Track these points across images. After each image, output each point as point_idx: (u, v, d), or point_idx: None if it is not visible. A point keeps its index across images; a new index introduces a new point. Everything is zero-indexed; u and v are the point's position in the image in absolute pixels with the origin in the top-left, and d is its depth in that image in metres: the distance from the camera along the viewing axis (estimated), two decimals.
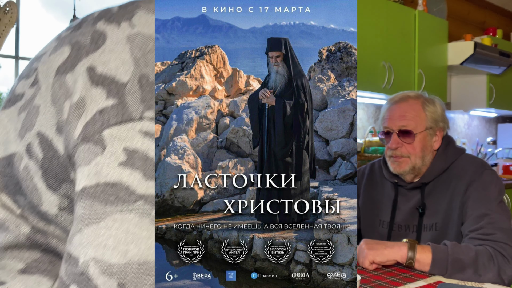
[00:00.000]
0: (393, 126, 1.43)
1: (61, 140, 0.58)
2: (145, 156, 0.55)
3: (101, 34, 0.61)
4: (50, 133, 0.59)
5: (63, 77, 0.60)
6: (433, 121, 1.43)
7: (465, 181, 1.38)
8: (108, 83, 0.57)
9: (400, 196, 1.50)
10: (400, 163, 1.42)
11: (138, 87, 0.57)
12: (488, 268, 1.17)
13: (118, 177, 0.53)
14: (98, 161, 0.54)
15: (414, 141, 1.40)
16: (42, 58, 0.67)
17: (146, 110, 0.56)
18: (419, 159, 1.42)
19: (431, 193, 1.45)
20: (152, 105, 0.57)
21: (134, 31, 0.61)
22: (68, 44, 0.63)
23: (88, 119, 0.56)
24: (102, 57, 0.59)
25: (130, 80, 0.57)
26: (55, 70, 0.62)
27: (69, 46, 0.63)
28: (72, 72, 0.60)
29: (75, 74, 0.59)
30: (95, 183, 0.54)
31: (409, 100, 1.45)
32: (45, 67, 0.64)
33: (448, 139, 1.50)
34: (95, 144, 0.54)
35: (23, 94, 0.65)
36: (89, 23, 0.65)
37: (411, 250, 1.21)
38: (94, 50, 0.60)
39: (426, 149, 1.43)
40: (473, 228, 1.28)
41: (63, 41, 0.65)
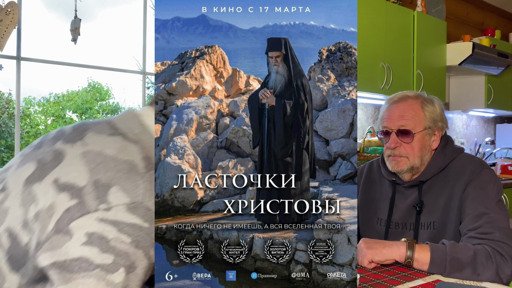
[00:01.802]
0: (392, 126, 1.43)
1: (25, 233, 0.76)
2: (101, 236, 0.73)
3: (60, 153, 0.81)
4: (16, 228, 0.77)
5: (30, 187, 0.78)
6: (432, 121, 1.44)
7: (463, 180, 1.38)
8: (70, 188, 0.76)
9: (397, 194, 1.51)
10: (399, 162, 1.43)
11: (93, 189, 0.76)
12: (487, 267, 1.18)
13: (80, 253, 0.72)
14: (67, 245, 0.73)
15: (412, 141, 1.41)
16: (10, 170, 0.85)
17: (100, 204, 0.75)
18: (418, 159, 1.42)
19: (428, 191, 1.45)
20: (105, 199, 0.75)
21: (87, 149, 0.81)
22: (33, 160, 0.82)
23: (58, 217, 0.74)
24: (63, 170, 0.78)
25: (87, 184, 0.76)
26: (24, 180, 0.80)
27: (34, 162, 0.82)
28: (40, 182, 0.78)
29: (43, 184, 0.77)
30: (63, 259, 0.73)
31: (408, 100, 1.45)
32: (13, 178, 0.82)
33: (446, 138, 1.50)
34: (64, 234, 0.74)
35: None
36: (48, 143, 0.85)
37: (409, 249, 1.22)
38: (55, 166, 0.79)
39: (424, 149, 1.43)
40: (472, 227, 1.29)
41: (28, 158, 0.84)
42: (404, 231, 1.46)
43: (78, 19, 2.53)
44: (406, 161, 1.42)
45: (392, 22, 3.27)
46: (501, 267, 1.18)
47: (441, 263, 1.19)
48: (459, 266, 1.18)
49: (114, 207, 0.75)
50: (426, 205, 1.44)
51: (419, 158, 1.42)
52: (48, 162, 0.80)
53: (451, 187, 1.41)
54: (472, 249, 1.21)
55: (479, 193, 1.34)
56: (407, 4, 3.92)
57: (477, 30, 4.88)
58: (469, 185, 1.37)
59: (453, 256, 1.19)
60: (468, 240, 1.26)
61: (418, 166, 1.43)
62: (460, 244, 1.24)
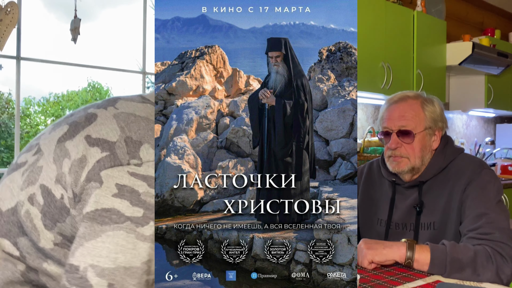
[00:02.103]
0: (393, 126, 1.43)
1: (59, 188, 0.77)
2: (132, 189, 0.74)
3: (93, 114, 0.83)
4: (50, 184, 0.78)
5: (63, 144, 0.80)
6: (432, 121, 1.43)
7: (463, 181, 1.38)
8: (102, 143, 0.78)
9: (397, 194, 1.50)
10: (399, 163, 1.43)
11: (124, 144, 0.77)
12: (487, 268, 1.18)
13: (111, 204, 0.73)
14: (97, 193, 0.74)
15: (413, 141, 1.41)
16: (42, 136, 0.87)
17: (132, 159, 0.76)
18: (419, 159, 1.42)
19: (428, 192, 1.45)
20: (137, 155, 0.77)
21: (118, 111, 0.83)
22: (65, 124, 0.85)
23: (90, 168, 0.76)
24: (95, 128, 0.80)
25: (118, 140, 0.78)
26: (56, 140, 0.82)
27: (66, 125, 0.84)
28: (71, 140, 0.80)
29: (75, 141, 0.79)
30: (94, 209, 0.73)
31: (408, 100, 1.45)
32: (46, 141, 0.84)
33: (446, 138, 1.50)
34: (95, 181, 0.74)
35: (26, 162, 0.84)
36: (80, 111, 0.87)
37: (409, 249, 1.22)
38: (88, 125, 0.81)
39: (425, 149, 1.43)
40: (472, 228, 1.29)
41: (61, 123, 0.86)
42: (404, 231, 1.46)
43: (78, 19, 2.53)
44: (407, 161, 1.42)
45: (392, 22, 3.27)
46: (501, 267, 1.18)
47: (441, 264, 1.19)
48: (459, 267, 1.18)
49: (145, 163, 0.76)
50: (426, 206, 1.44)
51: (420, 159, 1.42)
52: (80, 123, 0.82)
53: (451, 187, 1.41)
54: (472, 250, 1.20)
55: (479, 193, 1.34)
56: (407, 4, 3.92)
57: (477, 30, 4.88)
58: (469, 185, 1.37)
59: (453, 256, 1.18)
60: (468, 241, 1.26)
61: (418, 167, 1.43)
62: (460, 244, 1.24)
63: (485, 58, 3.81)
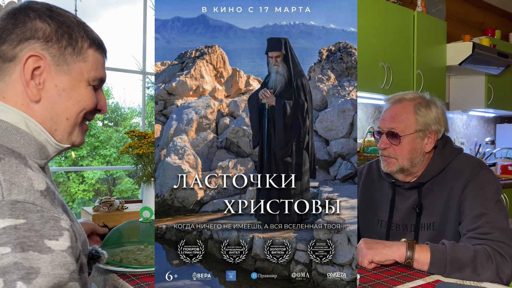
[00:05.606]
0: (384, 127, 1.46)
1: None
2: None
3: None
4: None
5: None
6: (423, 124, 1.44)
7: (462, 181, 1.39)
8: None
9: (397, 196, 1.51)
10: (389, 164, 1.46)
11: None
12: (486, 267, 1.18)
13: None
14: None
15: (400, 143, 1.43)
16: None
17: None
18: (407, 161, 1.44)
19: (428, 193, 1.45)
20: None
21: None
22: None
23: None
24: None
25: None
26: None
27: None
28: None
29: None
30: None
31: (403, 102, 1.46)
32: None
33: (445, 139, 1.51)
34: None
35: None
36: None
37: (409, 249, 1.22)
38: None
39: (415, 152, 1.44)
40: (471, 228, 1.29)
41: None
42: (404, 232, 1.47)
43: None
44: (395, 162, 1.45)
45: (392, 22, 3.27)
46: (501, 267, 1.18)
47: (441, 263, 1.19)
48: (459, 266, 1.18)
49: None
50: (426, 207, 1.44)
51: (408, 161, 1.44)
52: None
53: (450, 188, 1.41)
54: (472, 249, 1.21)
55: (478, 193, 1.35)
56: (407, 4, 3.92)
57: (477, 30, 4.88)
58: (467, 185, 1.37)
59: (453, 256, 1.19)
60: (468, 241, 1.26)
61: (408, 168, 1.45)
62: (460, 244, 1.24)
63: (485, 58, 3.81)
